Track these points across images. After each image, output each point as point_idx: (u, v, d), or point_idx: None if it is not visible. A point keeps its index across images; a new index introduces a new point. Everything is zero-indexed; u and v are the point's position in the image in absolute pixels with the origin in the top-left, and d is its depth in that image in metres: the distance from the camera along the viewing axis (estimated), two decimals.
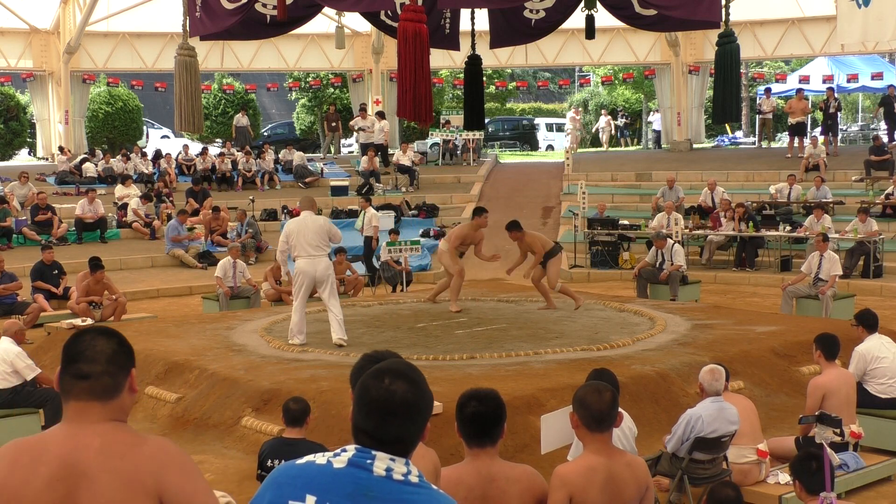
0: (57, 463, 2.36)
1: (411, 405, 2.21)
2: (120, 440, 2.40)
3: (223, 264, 13.44)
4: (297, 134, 33.39)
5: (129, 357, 2.50)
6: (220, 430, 7.67)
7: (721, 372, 6.07)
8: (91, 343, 2.45)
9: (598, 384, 3.83)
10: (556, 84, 39.28)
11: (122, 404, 2.46)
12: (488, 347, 9.20)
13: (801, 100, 23.37)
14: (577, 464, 3.79)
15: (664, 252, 13.82)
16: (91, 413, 2.41)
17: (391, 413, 2.19)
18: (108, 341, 2.47)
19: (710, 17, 10.19)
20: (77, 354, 2.45)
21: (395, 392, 2.20)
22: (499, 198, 22.02)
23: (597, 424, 3.67)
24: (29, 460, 2.38)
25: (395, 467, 2.16)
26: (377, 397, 2.20)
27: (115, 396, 2.44)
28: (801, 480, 4.50)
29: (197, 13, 10.96)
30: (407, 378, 2.24)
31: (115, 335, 2.51)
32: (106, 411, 2.43)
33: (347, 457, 2.18)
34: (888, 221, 17.33)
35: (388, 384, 2.21)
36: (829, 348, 6.86)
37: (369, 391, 2.22)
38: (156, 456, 2.39)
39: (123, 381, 2.46)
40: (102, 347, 2.45)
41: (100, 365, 2.43)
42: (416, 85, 9.05)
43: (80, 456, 2.36)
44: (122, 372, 2.46)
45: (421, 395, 2.24)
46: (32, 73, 25.39)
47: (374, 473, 2.15)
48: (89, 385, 2.42)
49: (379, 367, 2.28)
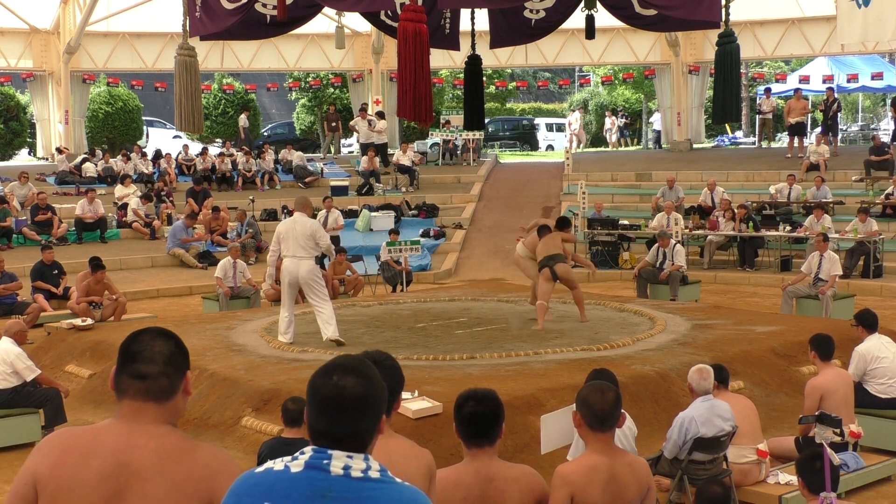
0: (110, 459, 2.36)
1: (362, 399, 2.18)
2: (175, 444, 2.41)
3: (223, 264, 13.44)
4: (297, 134, 33.39)
5: (186, 359, 2.53)
6: (220, 430, 7.67)
7: (709, 371, 6.07)
8: (150, 344, 2.47)
9: (602, 384, 3.83)
10: (556, 84, 39.29)
11: (176, 406, 2.49)
12: (488, 347, 9.19)
13: (799, 99, 23.37)
14: (579, 463, 3.79)
15: (666, 251, 13.83)
16: (146, 413, 2.42)
17: (342, 409, 2.17)
18: (167, 343, 2.49)
19: (710, 17, 10.19)
20: (135, 354, 2.46)
21: (345, 387, 2.18)
22: (499, 198, 22.02)
23: (599, 424, 3.67)
24: (81, 452, 2.39)
25: (353, 465, 2.14)
26: (327, 395, 2.18)
27: (170, 398, 2.46)
28: (805, 479, 4.51)
29: (197, 13, 10.97)
30: (356, 372, 2.21)
31: (173, 337, 2.53)
32: (161, 413, 2.44)
33: (304, 460, 2.15)
34: (888, 221, 17.33)
35: (336, 380, 2.19)
36: (823, 349, 6.87)
37: (319, 389, 2.20)
38: (209, 464, 2.41)
39: (179, 382, 2.48)
40: (161, 349, 2.47)
41: (157, 366, 2.44)
42: (416, 85, 9.05)
43: (134, 455, 2.37)
44: (179, 374, 2.48)
45: (371, 389, 2.21)
46: (32, 73, 25.39)
47: (332, 473, 2.12)
48: (146, 385, 2.43)
49: (327, 364, 2.26)
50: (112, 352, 9.66)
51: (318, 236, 9.51)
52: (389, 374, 3.13)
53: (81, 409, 8.55)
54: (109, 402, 8.76)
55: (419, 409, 6.66)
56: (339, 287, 14.09)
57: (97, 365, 9.45)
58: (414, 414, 6.55)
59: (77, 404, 8.59)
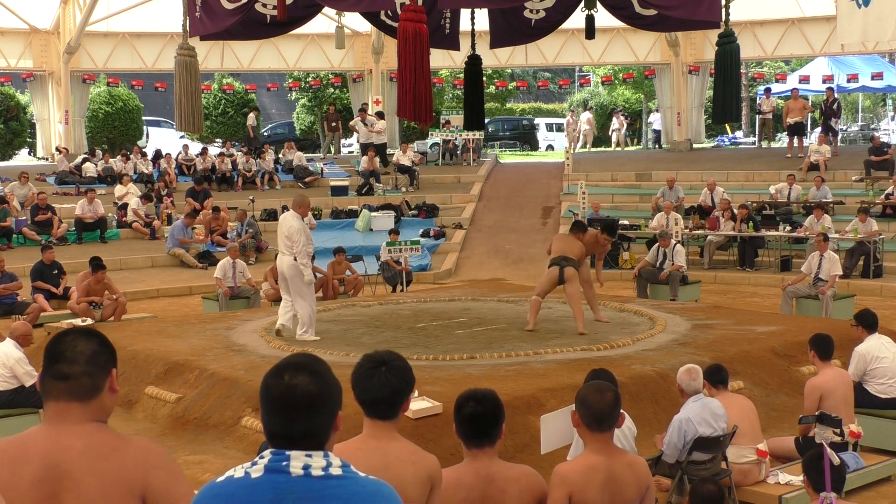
0: (40, 463, 2.35)
1: (315, 397, 2.18)
2: (103, 441, 2.40)
3: (223, 265, 13.44)
4: (297, 134, 33.39)
5: (110, 357, 2.50)
6: (220, 430, 7.67)
7: (698, 371, 6.08)
8: (71, 344, 2.45)
9: (601, 384, 3.82)
10: (556, 84, 39.29)
11: (102, 404, 2.46)
12: (488, 347, 9.19)
13: (797, 100, 23.38)
14: (578, 463, 3.79)
15: (666, 251, 13.83)
16: (71, 414, 2.41)
17: (295, 408, 2.16)
18: (89, 342, 2.47)
19: (710, 17, 10.18)
20: (58, 355, 2.44)
21: (297, 386, 2.17)
22: (499, 198, 22.02)
23: (598, 424, 3.67)
24: (11, 460, 2.37)
25: (312, 463, 2.13)
26: (279, 394, 2.17)
27: (95, 396, 2.43)
28: (811, 478, 4.52)
29: (197, 13, 10.97)
30: (307, 370, 2.21)
31: (96, 335, 2.51)
32: (86, 412, 2.42)
33: (263, 464, 2.14)
34: (888, 221, 17.33)
35: (288, 380, 2.18)
36: (822, 349, 6.88)
37: (271, 390, 2.19)
38: (140, 457, 2.39)
39: (103, 381, 2.45)
40: (83, 348, 2.45)
41: (79, 365, 2.42)
42: (416, 85, 9.05)
43: (63, 457, 2.36)
44: (103, 372, 2.46)
45: (324, 386, 2.20)
46: (32, 73, 25.39)
47: (293, 475, 2.11)
48: (68, 386, 2.41)
49: (278, 363, 2.25)
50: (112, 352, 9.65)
51: (294, 239, 9.70)
52: (397, 375, 3.11)
53: None
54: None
55: (419, 410, 6.66)
56: (339, 287, 14.10)
57: None
58: (414, 414, 6.54)
59: None
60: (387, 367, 3.11)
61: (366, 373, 3.13)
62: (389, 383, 3.10)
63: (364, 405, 3.16)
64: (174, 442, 7.64)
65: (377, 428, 3.15)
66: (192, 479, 6.73)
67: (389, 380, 3.10)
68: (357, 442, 3.18)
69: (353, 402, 7.28)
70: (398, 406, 3.15)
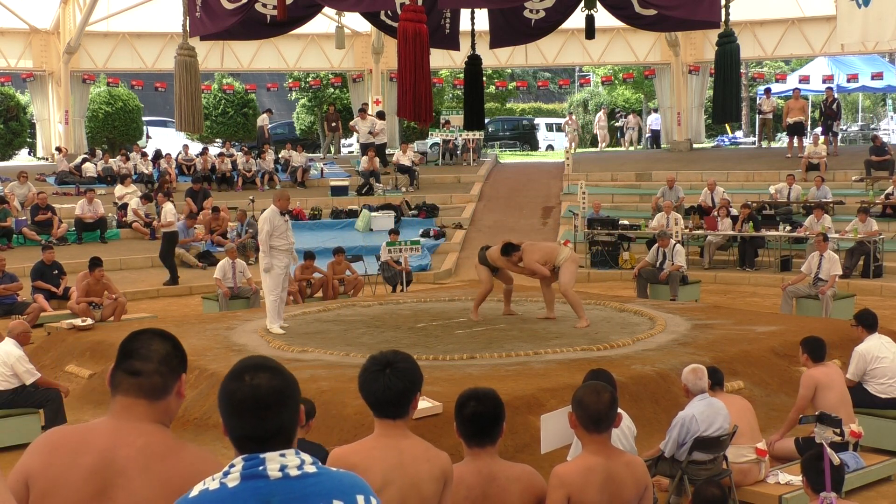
0: (98, 456, 2.38)
1: (280, 392, 2.18)
2: (161, 442, 2.42)
3: (222, 265, 13.44)
4: (297, 134, 33.38)
5: (183, 361, 2.54)
6: (220, 430, 7.57)
7: (703, 370, 6.09)
8: (147, 342, 2.49)
9: (598, 385, 3.82)
10: (556, 84, 39.30)
11: (168, 406, 2.50)
12: (488, 347, 9.19)
13: (797, 99, 23.38)
14: (576, 464, 3.78)
15: (666, 251, 13.83)
16: (137, 410, 2.44)
17: (264, 406, 2.15)
18: (164, 343, 2.51)
19: (710, 17, 10.19)
20: (132, 352, 2.49)
21: (261, 385, 2.17)
22: (499, 198, 22.03)
23: (595, 425, 3.67)
24: (70, 450, 2.41)
25: (288, 463, 2.11)
26: (245, 396, 2.16)
27: (163, 397, 2.47)
28: (809, 478, 4.52)
29: (197, 13, 10.97)
30: (265, 368, 2.21)
31: (171, 338, 2.54)
32: (152, 411, 2.46)
33: (238, 471, 2.10)
34: (888, 221, 17.33)
35: (250, 380, 2.18)
36: (815, 351, 6.91)
37: (235, 394, 2.17)
38: (194, 464, 2.41)
39: (173, 383, 2.50)
40: (157, 347, 2.49)
41: (152, 364, 2.46)
42: (416, 85, 9.05)
43: (121, 452, 2.38)
44: (173, 374, 2.50)
45: (285, 381, 2.21)
46: (32, 73, 25.39)
47: (271, 478, 2.09)
48: (139, 382, 2.45)
49: (234, 368, 2.24)
50: (112, 352, 9.62)
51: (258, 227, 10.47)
52: (401, 377, 3.12)
53: (81, 410, 8.55)
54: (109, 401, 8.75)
55: (419, 410, 6.65)
56: (339, 287, 14.10)
57: (97, 365, 9.45)
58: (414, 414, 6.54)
59: (77, 404, 8.59)
60: (391, 368, 3.12)
61: (371, 375, 3.15)
62: (393, 385, 3.11)
63: (371, 406, 3.19)
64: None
65: (388, 427, 3.18)
66: None
67: (394, 382, 3.11)
68: (371, 441, 3.19)
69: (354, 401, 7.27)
70: (405, 406, 3.16)
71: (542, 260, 10.33)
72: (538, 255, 10.34)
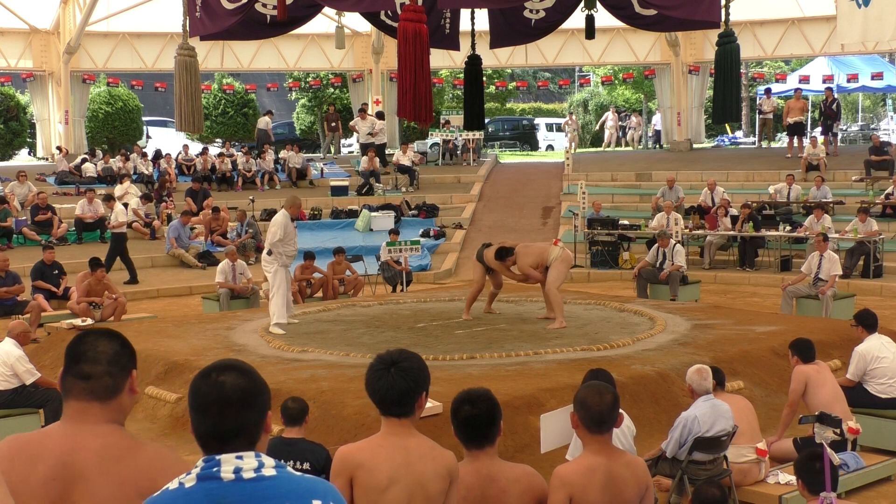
0: (55, 461, 2.38)
1: (244, 391, 2.18)
2: (118, 444, 2.42)
3: (222, 267, 13.45)
4: (297, 134, 33.37)
5: (131, 359, 2.53)
6: None
7: (708, 371, 6.09)
8: (94, 344, 2.49)
9: (600, 385, 3.81)
10: (556, 84, 39.30)
11: (121, 405, 2.49)
12: (488, 347, 9.19)
13: (798, 99, 23.38)
14: (577, 464, 3.78)
15: (666, 251, 13.83)
16: (91, 413, 2.43)
17: (226, 404, 2.16)
18: (111, 343, 2.50)
19: (710, 17, 10.19)
20: (80, 355, 2.48)
21: (225, 382, 2.18)
22: (499, 198, 22.03)
23: (596, 426, 3.67)
24: (28, 457, 2.40)
25: (244, 465, 2.12)
26: (208, 392, 2.18)
27: (115, 397, 2.46)
28: (804, 480, 4.51)
29: (197, 13, 10.97)
30: (234, 368, 2.22)
31: (118, 337, 2.54)
32: (105, 412, 2.45)
33: (196, 472, 2.13)
34: (888, 221, 17.33)
35: (215, 378, 2.19)
36: (804, 352, 6.96)
37: (199, 389, 2.20)
38: (152, 463, 2.42)
39: (124, 382, 2.49)
40: (104, 348, 2.48)
41: (101, 365, 2.46)
42: (416, 85, 9.05)
43: (78, 456, 2.38)
44: (123, 373, 2.49)
45: (252, 382, 2.21)
46: (32, 73, 25.38)
47: (224, 480, 2.10)
48: (90, 385, 2.44)
49: (206, 367, 2.26)
50: None
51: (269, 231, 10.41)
52: (406, 377, 3.12)
53: None
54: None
55: None
56: (339, 287, 14.10)
57: None
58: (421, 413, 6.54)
59: None
60: (396, 368, 3.13)
61: (376, 374, 3.16)
62: (397, 385, 3.12)
63: (377, 404, 3.20)
64: (174, 442, 7.64)
65: (394, 425, 3.19)
66: None
67: (398, 381, 3.12)
68: (378, 438, 3.20)
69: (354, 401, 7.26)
70: (410, 406, 3.17)
71: (534, 263, 10.35)
72: (532, 259, 10.35)
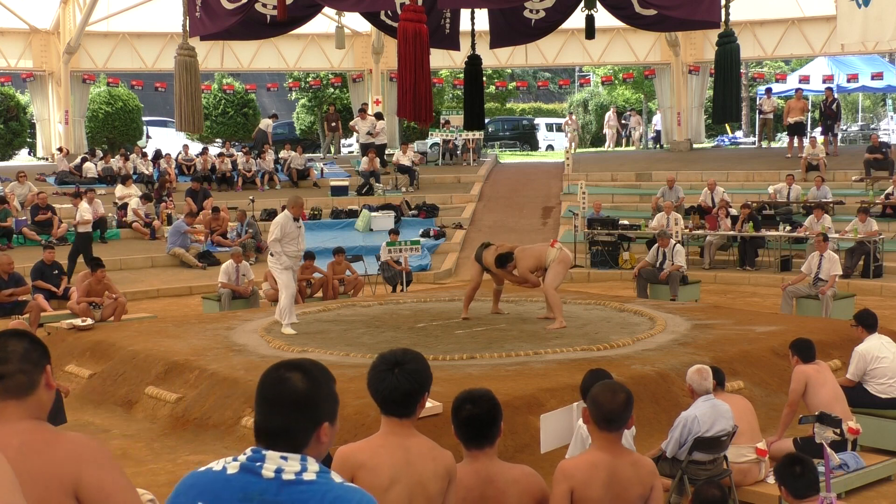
0: None
1: (301, 394, 2.19)
2: (38, 438, 2.43)
3: (226, 268, 13.44)
4: (297, 134, 33.37)
5: (43, 354, 2.54)
6: (220, 430, 7.67)
7: (708, 371, 6.09)
8: (3, 345, 2.50)
9: (615, 384, 3.85)
10: (556, 84, 39.30)
11: (39, 401, 2.50)
12: (488, 347, 9.19)
13: (799, 99, 23.38)
14: (581, 459, 3.82)
15: (666, 251, 13.83)
16: (8, 412, 2.45)
17: (279, 403, 2.18)
18: (20, 341, 2.53)
19: (710, 17, 10.18)
20: None
21: (287, 380, 2.20)
22: (499, 198, 22.03)
23: (606, 423, 3.69)
24: None
25: (286, 467, 2.13)
26: (267, 383, 2.21)
27: (30, 393, 2.48)
28: (786, 485, 4.47)
29: (197, 13, 10.96)
30: (302, 370, 2.23)
31: (26, 335, 2.56)
32: (23, 409, 2.46)
33: (241, 461, 2.16)
34: (888, 221, 17.33)
35: (282, 373, 2.21)
36: (804, 352, 6.95)
37: (264, 381, 2.22)
38: (72, 451, 2.42)
39: (38, 377, 2.50)
40: (14, 347, 2.50)
41: (13, 364, 2.47)
42: (416, 85, 9.05)
43: None
44: (37, 369, 2.51)
45: (314, 388, 2.21)
46: (32, 73, 25.38)
47: (264, 477, 2.12)
48: (3, 384, 2.46)
49: (278, 362, 2.29)
50: (112, 352, 9.67)
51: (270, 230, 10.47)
52: (409, 378, 3.12)
53: (82, 409, 8.55)
54: (109, 402, 8.76)
55: None
56: (339, 287, 14.10)
57: (97, 365, 9.45)
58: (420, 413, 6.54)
59: (77, 404, 8.59)
60: (400, 369, 3.12)
61: (379, 374, 3.16)
62: (400, 386, 3.12)
63: (378, 404, 3.20)
64: (174, 442, 7.65)
65: (395, 425, 3.19)
66: None
67: (401, 382, 3.12)
68: (378, 438, 3.20)
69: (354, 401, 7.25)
70: (412, 406, 3.17)
71: (533, 266, 10.35)
72: (531, 262, 10.35)
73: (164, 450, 7.46)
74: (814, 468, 4.40)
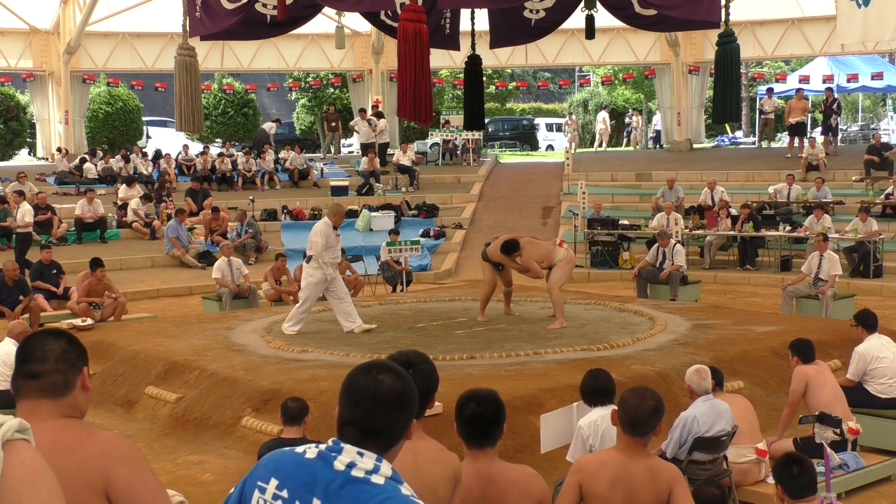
0: None
1: (400, 394, 2.23)
2: (70, 436, 2.42)
3: (219, 265, 13.44)
4: (297, 134, 33.37)
5: (80, 355, 2.54)
6: (220, 430, 7.67)
7: (707, 371, 6.09)
8: (41, 343, 2.50)
9: (646, 390, 3.91)
10: (556, 84, 39.29)
11: (74, 402, 2.49)
12: (488, 347, 9.19)
13: (800, 99, 23.38)
14: (595, 455, 3.96)
15: (666, 251, 13.83)
16: (41, 410, 2.44)
17: (381, 402, 2.21)
18: (58, 341, 2.52)
19: (710, 17, 10.19)
20: (28, 355, 2.49)
21: (384, 381, 2.23)
22: (499, 198, 22.03)
23: (630, 427, 3.76)
24: None
25: (359, 463, 2.15)
26: (366, 386, 2.22)
27: (66, 394, 2.47)
28: (783, 486, 4.46)
29: (197, 13, 10.97)
30: (394, 371, 2.28)
31: (64, 335, 2.55)
32: (56, 408, 2.45)
33: (321, 448, 2.21)
34: (888, 221, 17.33)
35: (375, 374, 2.24)
36: (804, 352, 6.95)
37: (358, 381, 2.24)
38: (104, 450, 2.41)
39: (75, 378, 2.50)
40: (52, 347, 2.49)
41: (49, 363, 2.47)
42: (416, 85, 9.06)
43: None
44: (73, 370, 2.50)
45: (409, 387, 2.27)
46: (32, 73, 25.39)
47: (334, 468, 2.15)
48: (39, 383, 2.45)
49: (367, 362, 2.32)
50: (112, 352, 9.67)
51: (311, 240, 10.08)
52: (424, 377, 3.12)
53: None
54: (109, 402, 8.76)
55: None
56: None
57: (97, 365, 9.45)
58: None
59: None
60: (414, 370, 3.11)
61: None
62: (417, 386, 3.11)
63: None
64: (174, 442, 7.65)
65: None
66: (192, 480, 6.74)
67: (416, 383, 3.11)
68: None
69: None
70: (423, 408, 3.16)
71: (540, 259, 10.31)
72: (538, 254, 10.33)
73: (164, 450, 7.46)
74: (811, 469, 4.39)
